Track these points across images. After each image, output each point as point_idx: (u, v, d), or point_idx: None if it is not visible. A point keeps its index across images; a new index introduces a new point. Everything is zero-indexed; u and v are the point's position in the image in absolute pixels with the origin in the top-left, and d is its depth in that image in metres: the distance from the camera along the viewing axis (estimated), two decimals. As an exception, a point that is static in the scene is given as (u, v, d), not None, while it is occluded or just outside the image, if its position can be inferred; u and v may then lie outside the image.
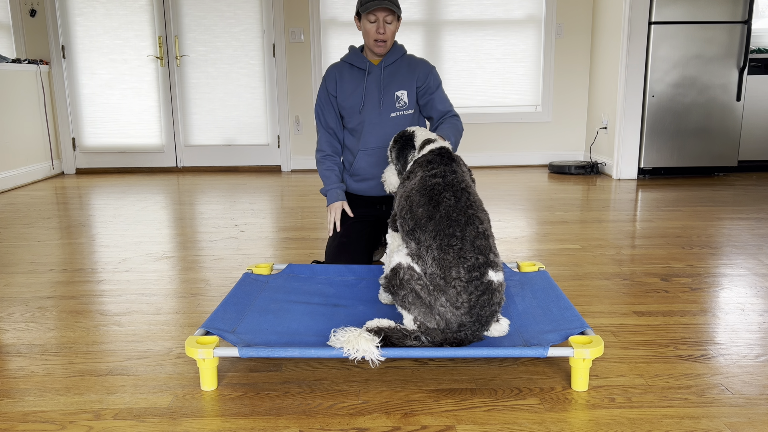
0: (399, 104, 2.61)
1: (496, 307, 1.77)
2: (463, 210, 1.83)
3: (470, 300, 1.71)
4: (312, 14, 5.75)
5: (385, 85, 2.61)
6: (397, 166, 2.21)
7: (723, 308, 2.30)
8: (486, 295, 1.73)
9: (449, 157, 2.00)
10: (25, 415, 1.62)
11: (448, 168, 1.95)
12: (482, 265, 1.75)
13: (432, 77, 2.64)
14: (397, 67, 2.64)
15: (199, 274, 2.80)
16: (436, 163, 1.97)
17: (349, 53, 2.69)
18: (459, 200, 1.85)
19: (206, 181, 5.50)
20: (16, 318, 2.30)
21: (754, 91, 5.24)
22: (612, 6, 5.33)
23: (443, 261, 1.74)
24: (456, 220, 1.80)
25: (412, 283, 1.76)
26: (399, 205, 1.98)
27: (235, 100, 5.95)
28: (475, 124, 6.04)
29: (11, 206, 4.43)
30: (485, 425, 1.53)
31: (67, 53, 5.82)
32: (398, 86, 2.61)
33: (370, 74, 2.62)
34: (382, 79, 2.61)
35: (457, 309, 1.71)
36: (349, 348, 1.63)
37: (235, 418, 1.59)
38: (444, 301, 1.72)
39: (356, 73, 2.64)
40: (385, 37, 2.53)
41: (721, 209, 4.00)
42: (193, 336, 1.75)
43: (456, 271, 1.72)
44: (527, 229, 3.58)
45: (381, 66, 2.62)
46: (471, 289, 1.71)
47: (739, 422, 1.53)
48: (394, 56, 2.63)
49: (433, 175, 1.93)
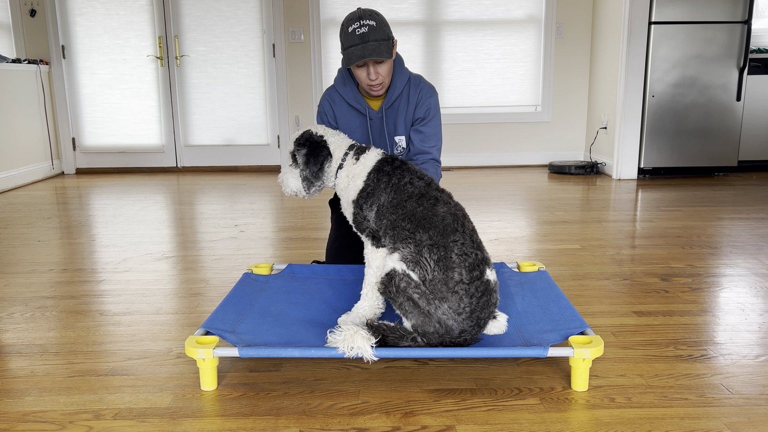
0: (397, 150, 2.38)
1: (493, 308, 1.77)
2: (455, 207, 1.85)
3: (471, 304, 1.70)
4: (312, 14, 5.75)
5: (388, 133, 2.35)
6: (304, 172, 2.01)
7: (723, 308, 2.30)
8: (485, 297, 1.73)
9: (403, 163, 1.96)
10: (25, 415, 1.62)
11: (414, 174, 1.92)
12: (481, 262, 1.74)
13: (425, 107, 2.33)
14: (398, 107, 2.33)
15: (199, 274, 2.80)
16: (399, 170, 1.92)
17: (344, 87, 2.34)
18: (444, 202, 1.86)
19: (206, 181, 5.50)
20: (16, 318, 2.30)
21: (754, 91, 5.24)
22: (612, 6, 5.33)
23: (447, 260, 1.72)
24: (455, 215, 1.81)
25: (408, 291, 1.73)
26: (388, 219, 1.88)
27: (235, 100, 5.95)
28: (476, 124, 6.04)
29: (11, 206, 4.43)
30: (485, 425, 1.53)
31: (67, 53, 5.82)
32: (398, 130, 2.36)
33: (372, 120, 2.34)
34: (385, 126, 2.34)
35: (459, 315, 1.70)
36: (344, 346, 1.63)
37: (235, 418, 1.59)
38: (446, 308, 1.69)
39: (355, 114, 2.36)
40: (380, 81, 2.20)
41: (721, 209, 4.00)
42: (193, 336, 1.75)
43: (458, 273, 1.70)
44: (527, 229, 3.58)
45: (382, 110, 2.32)
46: (472, 291, 1.70)
47: (739, 422, 1.53)
48: (395, 92, 2.30)
49: (409, 182, 1.89)
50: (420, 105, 2.33)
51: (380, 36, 2.11)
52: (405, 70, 2.33)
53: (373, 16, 2.13)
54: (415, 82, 2.35)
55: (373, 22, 2.11)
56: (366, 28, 2.09)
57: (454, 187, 4.89)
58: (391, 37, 2.17)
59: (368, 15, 2.12)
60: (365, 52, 2.09)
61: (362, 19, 2.11)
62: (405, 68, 2.34)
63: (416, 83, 2.34)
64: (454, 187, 4.88)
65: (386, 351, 1.67)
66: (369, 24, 2.09)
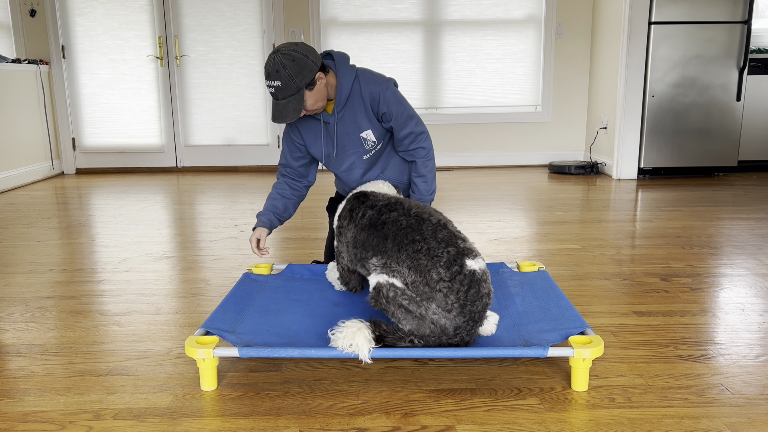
0: (368, 146, 2.33)
1: (486, 299, 1.73)
2: (407, 214, 1.86)
3: (459, 299, 1.69)
4: (312, 14, 5.76)
5: (347, 132, 2.30)
6: None
7: (723, 308, 2.30)
8: (473, 288, 1.70)
9: (364, 195, 2.06)
10: (25, 415, 1.62)
11: (367, 203, 2.01)
12: (456, 256, 1.72)
13: (384, 102, 2.25)
14: (351, 107, 2.28)
15: (199, 274, 2.80)
16: (357, 207, 2.03)
17: None
18: (397, 210, 1.89)
19: (206, 181, 5.50)
20: (16, 318, 2.30)
21: (754, 91, 5.24)
22: (612, 6, 5.33)
23: (419, 267, 1.72)
24: (409, 225, 1.82)
25: (398, 299, 1.73)
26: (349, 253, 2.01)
27: (235, 100, 5.95)
28: (475, 124, 6.04)
29: (11, 206, 4.43)
30: (485, 425, 1.54)
31: (67, 53, 5.82)
32: (362, 127, 2.30)
33: (327, 124, 2.31)
34: (342, 128, 2.30)
35: (449, 312, 1.69)
36: (344, 342, 1.64)
37: (235, 418, 1.59)
38: (435, 308, 1.69)
39: (313, 122, 2.33)
40: (314, 109, 2.19)
41: (721, 209, 4.00)
42: (193, 336, 1.75)
43: (436, 273, 1.70)
44: (527, 229, 3.58)
45: (335, 113, 2.27)
46: (456, 286, 1.69)
47: (739, 422, 1.53)
48: (344, 93, 2.24)
49: (361, 215, 1.98)
50: (376, 100, 2.26)
51: (287, 93, 2.09)
52: (349, 68, 2.26)
53: (279, 74, 2.07)
54: (365, 78, 2.27)
55: (279, 82, 2.08)
56: (273, 89, 2.10)
57: (454, 187, 4.89)
58: (305, 81, 2.09)
59: (275, 74, 2.07)
60: (275, 112, 2.13)
61: (270, 79, 2.09)
62: (349, 66, 2.26)
63: (365, 79, 2.27)
64: (454, 187, 4.89)
65: (385, 351, 1.67)
66: (275, 85, 2.09)
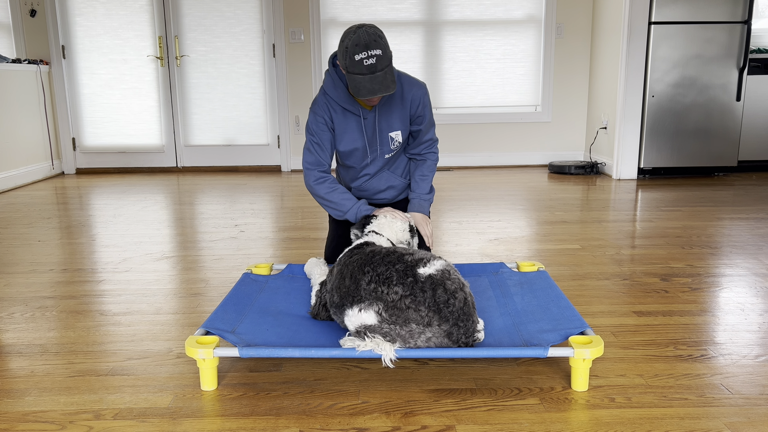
0: (393, 146, 2.40)
1: (461, 294, 1.71)
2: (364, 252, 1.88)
3: (431, 307, 1.68)
4: (312, 14, 5.75)
5: (380, 129, 2.36)
6: None
7: (723, 308, 2.30)
8: (438, 290, 1.69)
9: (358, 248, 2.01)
10: (25, 415, 1.62)
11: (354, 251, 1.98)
12: (406, 270, 1.73)
13: (422, 105, 2.35)
14: (391, 103, 2.33)
15: (199, 274, 2.80)
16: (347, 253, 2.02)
17: (336, 90, 2.29)
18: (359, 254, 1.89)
19: (206, 181, 5.50)
20: (16, 318, 2.30)
21: (754, 91, 5.24)
22: (612, 6, 5.33)
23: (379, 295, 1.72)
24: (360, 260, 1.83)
25: (383, 329, 1.70)
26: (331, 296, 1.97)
27: (235, 100, 5.95)
28: (476, 124, 6.04)
29: (11, 206, 4.43)
30: (485, 425, 1.54)
31: (67, 53, 5.82)
32: (393, 127, 2.36)
33: (366, 119, 2.33)
34: (377, 124, 2.34)
35: (430, 326, 1.68)
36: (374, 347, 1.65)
37: (235, 418, 1.59)
38: (414, 327, 1.68)
39: (349, 115, 2.34)
40: (376, 101, 2.24)
41: (721, 209, 4.00)
42: (193, 336, 1.75)
43: (394, 293, 1.70)
44: (527, 229, 3.58)
45: (375, 109, 2.32)
46: (420, 297, 1.68)
47: (739, 422, 1.53)
48: None
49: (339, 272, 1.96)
50: (414, 101, 2.35)
51: (385, 63, 2.06)
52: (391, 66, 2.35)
53: (378, 43, 2.05)
54: (406, 79, 2.36)
55: (380, 51, 2.04)
56: (374, 59, 2.03)
57: (454, 187, 4.89)
58: (395, 78, 2.12)
59: (374, 43, 2.04)
60: (374, 86, 2.05)
61: (369, 49, 2.03)
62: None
63: (407, 81, 2.35)
64: (454, 187, 4.89)
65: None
66: (376, 54, 2.03)
